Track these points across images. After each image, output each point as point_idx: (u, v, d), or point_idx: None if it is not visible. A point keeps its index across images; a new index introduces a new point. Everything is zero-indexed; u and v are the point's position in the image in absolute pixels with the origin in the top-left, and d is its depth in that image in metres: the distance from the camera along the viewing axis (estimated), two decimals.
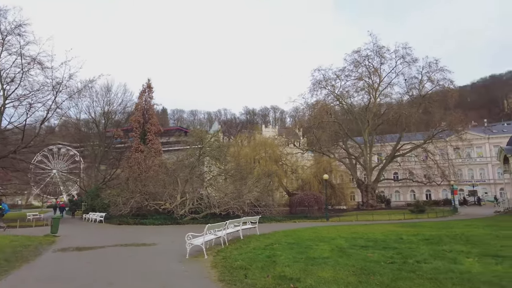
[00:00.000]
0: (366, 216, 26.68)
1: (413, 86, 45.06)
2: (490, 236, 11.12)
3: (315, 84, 46.87)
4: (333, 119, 44.44)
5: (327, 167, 35.44)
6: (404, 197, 61.79)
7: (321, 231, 15.28)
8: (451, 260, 6.87)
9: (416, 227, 16.35)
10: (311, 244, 10.45)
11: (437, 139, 43.33)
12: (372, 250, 8.65)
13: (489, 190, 58.24)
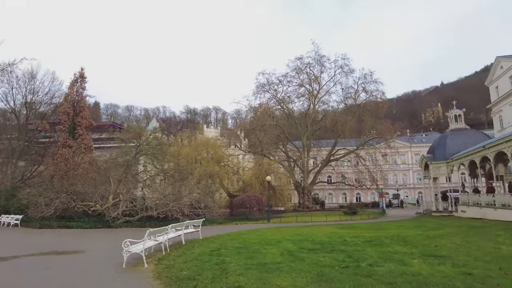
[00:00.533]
0: (305, 217, 27.40)
1: (349, 95, 48.05)
2: (422, 237, 11.90)
3: (259, 87, 47.42)
4: (275, 123, 45.30)
5: (268, 169, 35.73)
6: (336, 199, 65.47)
7: (265, 233, 15.07)
8: (400, 262, 7.01)
9: (354, 228, 17.06)
10: (259, 248, 10.07)
11: (368, 145, 46.62)
12: (322, 254, 8.56)
13: (410, 193, 64.56)
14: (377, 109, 47.54)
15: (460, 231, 13.67)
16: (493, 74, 47.49)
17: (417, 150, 67.11)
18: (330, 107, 50.76)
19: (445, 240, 10.81)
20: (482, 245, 9.22)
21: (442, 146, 32.31)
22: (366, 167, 46.20)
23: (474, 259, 7.17)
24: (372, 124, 45.16)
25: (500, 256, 7.56)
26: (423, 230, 14.45)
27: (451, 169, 31.41)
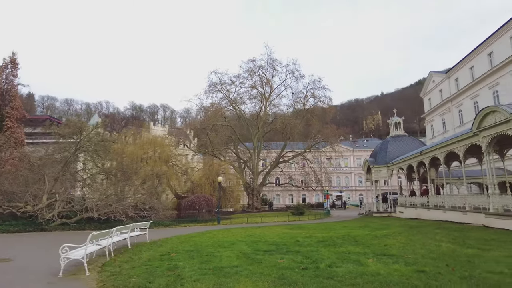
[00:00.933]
0: (255, 218, 27.38)
1: (299, 100, 49.36)
2: (370, 237, 12.38)
3: (211, 86, 46.69)
4: (227, 123, 44.89)
5: (218, 170, 35.15)
6: (284, 200, 66.87)
7: (217, 235, 14.62)
8: (357, 262, 7.09)
9: (304, 229, 17.31)
10: (213, 251, 9.64)
11: (315, 149, 48.28)
12: (279, 255, 8.41)
13: (351, 195, 68.20)
14: (324, 114, 49.52)
15: (402, 230, 14.52)
16: (427, 87, 52.14)
17: (359, 154, 71.36)
18: (280, 110, 51.79)
19: (392, 239, 11.34)
20: (425, 243, 9.79)
21: (384, 151, 34.51)
22: (313, 169, 47.76)
23: (422, 257, 7.52)
24: (319, 128, 46.86)
25: (442, 253, 8.03)
26: (370, 230, 15.12)
27: (391, 173, 33.65)
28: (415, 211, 26.10)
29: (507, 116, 14.39)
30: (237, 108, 48.74)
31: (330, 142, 47.44)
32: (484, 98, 36.49)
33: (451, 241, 10.13)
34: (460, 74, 41.73)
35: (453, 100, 43.29)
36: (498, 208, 15.73)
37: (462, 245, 9.27)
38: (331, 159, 58.87)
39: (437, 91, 47.81)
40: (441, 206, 22.11)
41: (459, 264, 6.60)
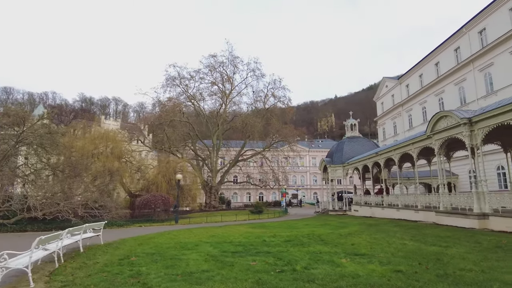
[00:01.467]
0: (214, 217, 26.74)
1: (259, 99, 49.38)
2: (334, 235, 12.47)
3: (169, 80, 45.05)
4: (185, 119, 43.51)
5: (175, 168, 33.86)
6: (241, 198, 66.67)
7: (178, 236, 13.84)
8: (332, 263, 6.92)
9: (267, 227, 17.12)
10: (177, 253, 8.97)
11: (274, 148, 48.63)
12: (249, 257, 8.00)
13: (307, 194, 69.90)
14: (284, 114, 50.11)
15: (363, 229, 14.86)
16: (380, 91, 54.88)
17: (314, 154, 73.40)
18: (240, 108, 51.48)
19: (357, 238, 11.48)
20: (390, 242, 10.00)
21: (340, 151, 35.62)
22: (271, 168, 48.03)
23: (392, 256, 7.58)
24: (278, 128, 47.20)
25: (410, 251, 8.18)
26: (332, 229, 15.31)
27: (346, 172, 34.82)
28: (370, 210, 27.21)
29: (458, 121, 15.34)
30: (196, 104, 47.56)
31: (288, 142, 48.09)
32: (431, 104, 39.18)
33: (413, 239, 10.48)
34: (410, 81, 44.43)
35: (404, 105, 45.98)
36: (447, 206, 16.80)
37: (424, 242, 9.60)
38: (288, 159, 59.71)
39: (390, 96, 50.53)
40: (395, 205, 23.23)
41: (430, 262, 6.71)
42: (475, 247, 8.40)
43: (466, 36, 32.93)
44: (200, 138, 46.74)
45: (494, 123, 13.72)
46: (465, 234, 11.54)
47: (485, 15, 30.48)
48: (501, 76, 28.43)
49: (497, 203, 13.77)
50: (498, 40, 28.52)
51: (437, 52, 37.79)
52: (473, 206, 14.53)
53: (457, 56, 34.55)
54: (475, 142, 14.90)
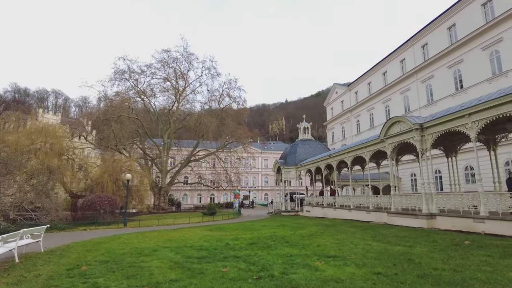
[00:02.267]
0: (166, 219, 25.44)
1: (214, 98, 48.45)
2: (296, 236, 12.33)
3: (118, 73, 42.34)
4: (134, 115, 41.12)
5: (123, 167, 31.72)
6: (192, 200, 64.93)
7: (130, 240, 12.71)
8: (308, 266, 6.64)
9: (225, 230, 16.54)
10: (134, 260, 8.09)
11: (227, 149, 48.02)
12: (219, 263, 7.43)
13: (258, 195, 70.26)
14: (239, 115, 49.81)
15: (322, 229, 14.99)
16: (330, 97, 57.06)
17: (266, 156, 74.19)
18: (194, 107, 50.13)
19: (319, 239, 11.44)
20: (354, 242, 10.08)
21: (293, 153, 36.20)
22: (225, 169, 47.35)
23: (364, 257, 7.54)
24: (232, 129, 46.67)
25: (378, 252, 8.24)
26: (291, 230, 15.22)
27: (299, 174, 35.46)
28: (322, 210, 27.88)
29: (410, 126, 16.23)
30: (147, 100, 45.24)
31: (242, 143, 47.81)
32: (378, 111, 41.57)
33: (375, 239, 10.70)
34: (359, 88, 46.75)
35: (352, 111, 48.24)
36: (398, 207, 17.71)
37: (387, 243, 9.82)
38: (241, 160, 59.44)
39: (339, 101, 52.76)
40: (347, 206, 24.04)
41: (404, 263, 6.75)
42: (435, 246, 8.75)
43: (411, 49, 35.48)
44: (149, 136, 44.51)
45: (442, 129, 14.71)
46: (419, 233, 12.10)
47: (427, 31, 33.08)
48: (440, 88, 31.03)
49: (444, 204, 14.77)
50: (437, 55, 31.10)
51: (385, 62, 40.26)
52: (422, 207, 15.45)
53: (402, 67, 37.10)
54: (425, 146, 15.86)
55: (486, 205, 12.48)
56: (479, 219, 12.50)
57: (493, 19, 25.49)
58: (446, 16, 30.56)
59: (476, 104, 12.82)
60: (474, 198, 13.20)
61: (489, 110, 12.34)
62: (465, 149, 20.84)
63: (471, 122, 13.16)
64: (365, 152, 21.39)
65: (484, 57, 26.47)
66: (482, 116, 12.64)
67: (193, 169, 50.58)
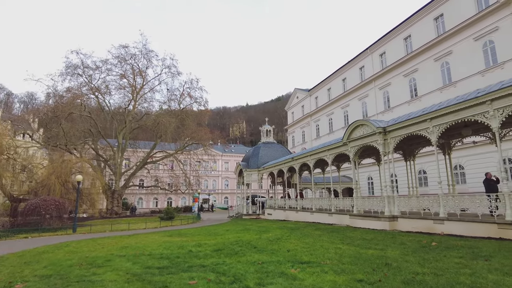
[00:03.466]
0: (120, 225, 23.69)
1: (174, 98, 46.75)
2: (263, 241, 11.80)
3: (70, 68, 39.37)
4: (87, 113, 38.34)
5: (73, 168, 29.28)
6: (147, 204, 62.08)
7: (79, 248, 11.35)
8: (284, 275, 6.08)
9: (186, 235, 15.58)
10: (85, 273, 7.02)
11: (187, 151, 46.40)
12: (184, 274, 6.62)
13: (218, 198, 69.02)
14: (200, 116, 48.48)
15: (286, 233, 14.61)
16: (291, 102, 57.75)
17: (227, 159, 73.31)
18: (152, 106, 48.06)
19: (287, 243, 11.01)
20: (324, 246, 9.76)
21: (256, 155, 35.85)
22: (184, 172, 45.76)
23: (340, 262, 7.18)
24: (193, 130, 45.16)
25: (352, 256, 7.93)
26: (256, 234, 14.68)
27: (261, 176, 35.17)
28: (284, 213, 27.73)
29: (374, 130, 16.50)
30: (101, 98, 42.47)
31: (203, 145, 46.54)
32: (337, 116, 42.65)
33: (344, 243, 10.49)
34: (319, 93, 47.76)
35: (312, 116, 49.12)
36: (360, 210, 17.92)
37: (357, 246, 9.62)
38: (200, 162, 57.89)
39: (300, 106, 53.55)
40: (309, 208, 24.06)
41: (382, 267, 6.47)
42: (405, 249, 8.67)
43: (369, 57, 36.86)
44: (103, 136, 41.73)
45: (405, 133, 15.08)
46: (384, 236, 12.13)
47: (385, 41, 34.57)
48: (397, 95, 32.49)
49: (404, 206, 15.11)
50: (394, 64, 32.56)
51: (345, 69, 41.49)
52: (384, 209, 15.70)
53: (361, 74, 38.42)
54: (387, 149, 16.19)
55: (446, 207, 12.89)
56: (439, 220, 12.88)
57: (444, 33, 27.18)
58: (402, 27, 32.13)
59: (437, 109, 13.25)
60: (434, 200, 13.59)
61: (449, 115, 12.80)
62: (421, 154, 21.71)
63: (432, 126, 13.59)
64: (328, 155, 21.52)
65: (436, 68, 28.11)
66: (443, 121, 13.08)
67: (149, 172, 48.30)
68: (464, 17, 25.61)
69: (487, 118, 11.45)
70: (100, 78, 41.62)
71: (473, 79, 24.81)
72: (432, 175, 26.77)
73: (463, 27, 25.63)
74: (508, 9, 22.75)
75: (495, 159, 22.79)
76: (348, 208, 19.28)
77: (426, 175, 28.03)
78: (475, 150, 23.91)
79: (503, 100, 10.86)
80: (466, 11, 25.66)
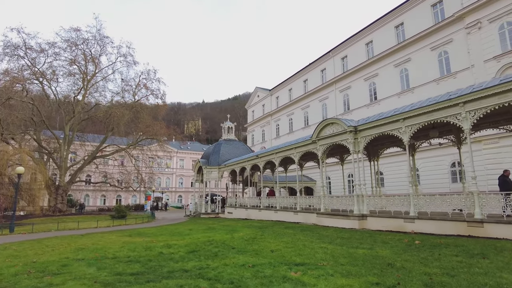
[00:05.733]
0: (67, 223, 21.29)
1: (129, 88, 43.81)
2: (239, 241, 10.98)
3: (10, 47, 34.96)
4: (30, 100, 34.36)
5: (10, 160, 25.89)
6: (95, 201, 57.77)
7: (23, 251, 9.58)
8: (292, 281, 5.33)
9: (147, 235, 14.18)
10: (37, 284, 5.66)
11: (140, 145, 43.69)
12: (167, 281, 5.62)
13: (171, 197, 66.38)
14: (156, 109, 45.97)
15: (258, 232, 13.93)
16: (252, 100, 57.33)
17: (183, 156, 70.94)
18: (105, 96, 44.53)
19: (266, 242, 10.33)
20: (308, 246, 9.23)
21: (217, 152, 34.77)
22: (137, 168, 43.02)
23: (337, 263, 6.65)
24: (148, 124, 42.51)
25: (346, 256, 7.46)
26: (225, 233, 13.78)
27: (222, 174, 34.18)
28: (246, 212, 27.03)
29: (344, 128, 16.45)
30: (46, 84, 38.35)
31: (159, 140, 44.18)
32: (297, 116, 43.01)
33: (324, 241, 10.08)
34: (281, 93, 47.88)
35: (273, 115, 49.12)
36: (327, 208, 17.83)
37: (341, 245, 9.23)
38: (156, 158, 55.07)
39: (260, 105, 53.32)
40: (273, 207, 23.63)
41: (387, 268, 6.03)
42: (393, 248, 8.43)
43: (331, 60, 37.60)
44: (48, 127, 37.68)
45: (376, 132, 15.19)
46: (360, 234, 11.99)
47: (347, 45, 35.48)
48: (356, 98, 33.46)
49: (375, 205, 15.23)
50: (355, 68, 33.50)
51: (307, 70, 41.96)
52: (354, 208, 15.71)
53: (323, 76, 39.09)
54: (357, 148, 16.24)
55: (416, 206, 13.13)
56: (409, 219, 13.07)
57: (404, 41, 28.48)
58: (364, 33, 33.17)
59: (410, 110, 13.45)
60: (405, 200, 13.81)
61: (422, 116, 13.05)
62: (385, 154, 22.32)
63: (405, 126, 13.78)
64: (295, 153, 21.26)
65: (395, 73, 29.36)
66: (416, 121, 13.31)
67: (98, 167, 44.69)
68: (422, 27, 27.02)
69: (459, 120, 11.78)
70: (46, 62, 37.58)
71: (429, 86, 26.24)
72: (390, 176, 27.89)
73: (421, 37, 27.02)
74: (461, 23, 24.32)
75: (447, 162, 24.35)
76: (315, 207, 19.13)
77: (383, 176, 29.07)
78: (429, 153, 25.19)
79: (475, 103, 11.22)
80: (424, 22, 27.08)
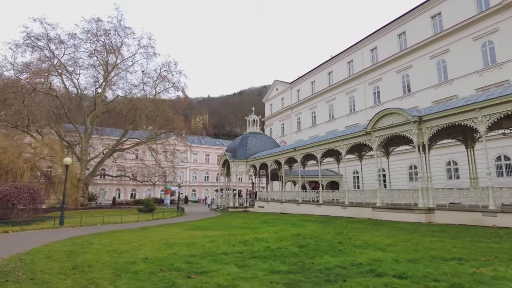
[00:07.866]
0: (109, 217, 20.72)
1: (149, 80, 43.08)
2: (332, 235, 10.44)
3: (31, 38, 34.25)
4: (54, 92, 33.75)
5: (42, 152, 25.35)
6: (110, 195, 57.35)
7: (115, 246, 8.99)
8: (467, 275, 4.81)
9: (209, 229, 13.64)
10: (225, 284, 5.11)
11: (160, 139, 43.06)
12: (359, 279, 5.06)
13: (185, 191, 65.92)
14: (178, 102, 45.30)
15: (330, 227, 13.39)
16: (270, 93, 56.55)
17: (196, 150, 70.36)
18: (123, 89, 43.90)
19: (367, 237, 9.77)
20: (421, 242, 8.66)
21: (244, 146, 34.19)
22: (158, 162, 42.50)
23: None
24: (169, 117, 41.84)
25: (496, 251, 6.89)
26: (296, 227, 13.22)
27: (249, 168, 33.63)
28: (281, 206, 26.41)
29: (408, 119, 15.80)
30: (68, 76, 37.70)
31: (179, 134, 43.63)
32: (321, 109, 42.27)
33: (438, 237, 9.49)
34: (302, 86, 47.09)
35: (293, 108, 48.39)
36: (384, 202, 17.25)
37: (471, 241, 8.56)
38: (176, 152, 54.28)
39: (279, 98, 52.57)
40: (315, 200, 23.06)
41: None
42: (494, 242, 7.86)
43: (359, 52, 36.78)
44: (70, 119, 37.12)
45: (444, 122, 14.54)
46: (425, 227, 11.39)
47: (377, 36, 34.64)
48: (387, 90, 32.70)
49: (443, 199, 14.63)
50: (387, 60, 32.71)
51: (331, 62, 41.16)
52: (418, 202, 15.14)
53: (349, 68, 38.29)
54: (421, 140, 15.62)
55: (498, 199, 12.57)
56: (489, 212, 12.49)
57: (442, 31, 27.66)
58: (396, 24, 32.34)
59: (490, 98, 12.80)
60: (483, 192, 13.20)
61: (504, 105, 12.41)
62: None
63: (481, 116, 13.14)
64: (342, 145, 20.62)
65: (431, 65, 28.59)
66: (496, 110, 12.67)
67: (115, 161, 44.10)
68: (464, 16, 26.18)
69: None
70: (66, 54, 36.90)
71: (470, 77, 25.49)
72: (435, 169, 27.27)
73: (462, 27, 26.20)
74: (509, 11, 23.52)
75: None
76: (369, 201, 18.52)
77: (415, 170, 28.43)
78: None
79: None
80: (465, 11, 26.24)
